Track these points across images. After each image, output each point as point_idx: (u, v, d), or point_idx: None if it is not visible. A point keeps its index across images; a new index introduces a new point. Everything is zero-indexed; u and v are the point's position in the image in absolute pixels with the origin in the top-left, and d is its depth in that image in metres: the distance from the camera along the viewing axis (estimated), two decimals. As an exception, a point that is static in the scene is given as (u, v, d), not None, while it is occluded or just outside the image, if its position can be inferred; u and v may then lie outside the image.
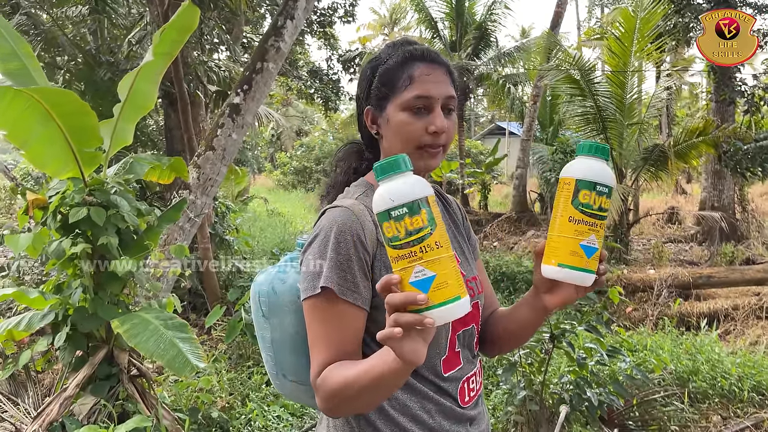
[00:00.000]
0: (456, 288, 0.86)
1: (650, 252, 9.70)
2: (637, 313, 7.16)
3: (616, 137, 9.39)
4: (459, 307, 0.86)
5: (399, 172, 0.89)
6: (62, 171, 2.84)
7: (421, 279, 0.85)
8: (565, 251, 1.04)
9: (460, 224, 1.34)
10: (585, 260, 1.03)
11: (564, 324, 3.36)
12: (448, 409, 1.14)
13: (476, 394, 1.22)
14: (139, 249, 2.96)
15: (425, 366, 1.12)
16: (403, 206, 0.86)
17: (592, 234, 1.03)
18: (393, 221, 0.86)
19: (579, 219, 1.03)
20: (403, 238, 0.86)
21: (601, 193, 1.02)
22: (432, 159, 1.15)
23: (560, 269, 1.04)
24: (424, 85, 1.12)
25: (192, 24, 2.82)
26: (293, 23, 4.54)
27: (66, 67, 6.73)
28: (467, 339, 1.21)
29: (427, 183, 0.91)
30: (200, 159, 4.47)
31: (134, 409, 2.94)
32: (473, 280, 1.24)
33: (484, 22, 15.96)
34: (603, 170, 1.04)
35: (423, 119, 1.12)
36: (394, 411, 1.11)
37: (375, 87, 1.19)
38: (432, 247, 0.85)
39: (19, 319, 2.90)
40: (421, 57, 1.15)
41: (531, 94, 13.00)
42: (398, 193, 0.87)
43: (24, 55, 2.92)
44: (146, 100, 2.98)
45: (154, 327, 2.67)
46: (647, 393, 4.00)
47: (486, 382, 4.52)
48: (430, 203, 0.87)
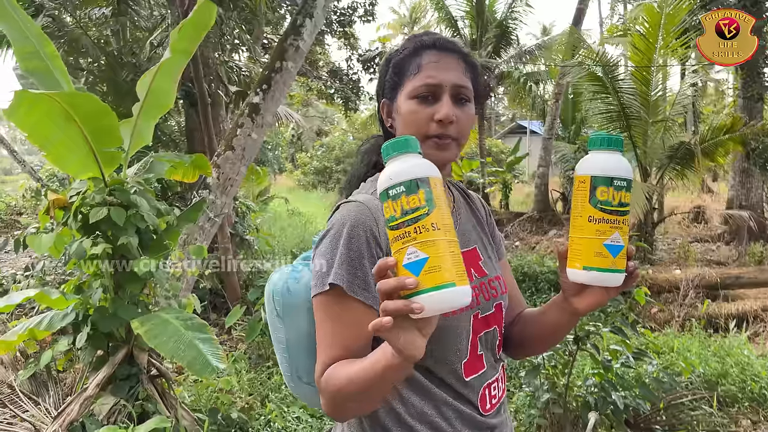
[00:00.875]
0: (451, 274, 0.79)
1: (676, 252, 9.52)
2: (663, 315, 7.02)
3: (640, 135, 9.23)
4: (453, 294, 0.79)
5: (404, 152, 0.86)
6: (83, 171, 2.85)
7: (414, 261, 0.79)
8: (589, 253, 0.98)
9: (484, 222, 1.29)
10: (611, 260, 0.97)
11: (588, 325, 3.28)
12: (468, 416, 1.09)
13: (498, 401, 1.16)
14: (158, 249, 2.95)
15: (446, 369, 1.07)
16: (400, 184, 0.82)
17: (616, 231, 0.97)
18: (390, 200, 0.83)
19: (599, 218, 0.97)
20: (399, 218, 0.82)
21: (620, 187, 0.97)
22: (442, 151, 1.09)
23: (586, 272, 0.99)
24: (431, 72, 1.08)
25: (209, 20, 2.80)
26: (312, 21, 4.51)
27: (88, 69, 6.80)
28: (490, 341, 1.16)
29: (433, 166, 0.86)
30: (220, 159, 4.47)
31: (154, 410, 2.94)
32: (496, 279, 1.19)
33: (505, 20, 15.83)
34: (619, 163, 0.98)
35: (430, 107, 1.08)
36: (410, 418, 1.06)
37: (388, 78, 1.15)
38: (427, 228, 0.80)
39: (40, 318, 2.91)
40: (432, 45, 1.11)
41: (553, 92, 12.85)
42: (398, 172, 0.83)
43: (47, 55, 2.92)
44: (165, 98, 2.97)
45: (174, 328, 2.66)
46: (675, 396, 3.91)
47: (509, 384, 4.45)
48: (432, 185, 0.83)
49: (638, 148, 9.26)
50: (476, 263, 1.17)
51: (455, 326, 1.07)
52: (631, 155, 9.78)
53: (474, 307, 1.10)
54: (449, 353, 1.07)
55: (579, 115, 14.85)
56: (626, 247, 0.99)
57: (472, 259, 1.17)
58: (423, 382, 1.06)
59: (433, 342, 1.02)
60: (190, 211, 3.20)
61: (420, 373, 1.07)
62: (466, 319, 1.09)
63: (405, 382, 1.06)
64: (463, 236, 1.19)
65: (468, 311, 1.09)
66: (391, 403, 1.06)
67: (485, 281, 1.16)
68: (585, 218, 0.98)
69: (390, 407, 1.06)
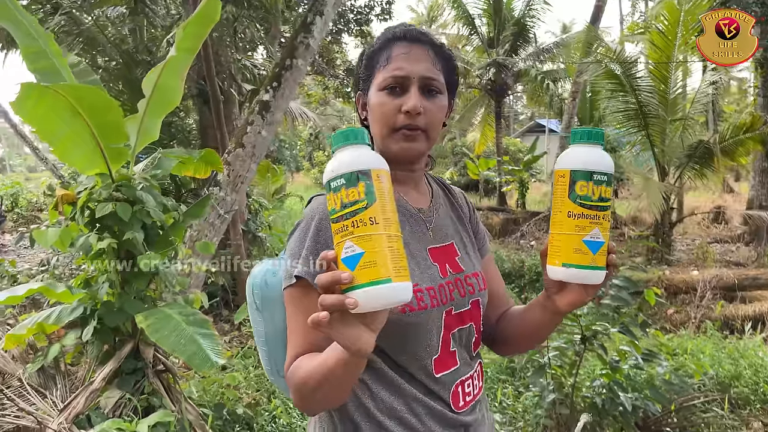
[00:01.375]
0: (387, 270, 0.78)
1: (694, 252, 9.38)
2: (679, 316, 6.92)
3: (658, 134, 9.10)
4: (389, 290, 0.77)
5: (349, 143, 0.84)
6: (90, 167, 2.87)
7: (350, 256, 0.78)
8: (568, 249, 0.96)
9: (466, 218, 1.27)
10: (591, 257, 0.95)
11: (596, 325, 3.24)
12: (438, 412, 1.07)
13: (473, 398, 1.14)
14: (164, 244, 2.97)
15: (415, 365, 1.06)
16: (341, 177, 0.81)
17: (596, 227, 0.95)
18: (332, 193, 0.82)
19: (579, 213, 0.95)
20: (338, 211, 0.81)
21: (600, 182, 0.95)
22: (410, 142, 1.07)
23: (565, 269, 0.97)
24: (400, 63, 1.07)
25: (214, 16, 2.80)
26: (322, 19, 4.52)
27: (104, 67, 6.87)
28: (464, 338, 1.14)
29: (379, 158, 0.84)
30: (230, 156, 4.49)
31: (159, 404, 2.96)
32: (474, 276, 1.17)
33: (523, 18, 15.74)
34: (599, 157, 0.96)
35: (398, 99, 1.06)
36: (380, 413, 1.05)
37: (362, 71, 1.15)
38: (365, 222, 0.79)
39: (49, 312, 2.95)
40: (402, 37, 1.10)
41: (570, 91, 12.73)
42: (340, 164, 0.82)
43: (53, 53, 2.95)
44: (172, 95, 2.98)
45: (176, 322, 2.67)
46: (686, 399, 3.85)
47: (517, 384, 4.42)
48: (374, 177, 0.81)
49: (656, 146, 9.14)
50: (453, 259, 1.16)
51: (425, 322, 1.05)
52: (648, 154, 9.67)
53: (447, 303, 1.09)
54: (419, 349, 1.05)
55: (597, 114, 14.71)
56: (607, 244, 0.97)
57: (448, 254, 1.16)
58: (393, 377, 1.05)
59: (401, 337, 1.02)
60: (195, 207, 3.21)
61: (390, 368, 1.06)
62: (437, 315, 1.07)
63: (375, 377, 1.05)
64: (440, 231, 1.18)
65: (440, 307, 1.08)
66: (360, 398, 1.06)
67: (461, 277, 1.14)
68: (564, 214, 0.97)
69: (360, 402, 1.06)
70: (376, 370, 1.06)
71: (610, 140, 12.46)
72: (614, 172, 0.98)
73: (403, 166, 1.14)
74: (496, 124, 16.93)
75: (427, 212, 1.18)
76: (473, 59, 17.61)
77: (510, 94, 19.82)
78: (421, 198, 1.19)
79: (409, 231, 1.12)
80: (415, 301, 1.03)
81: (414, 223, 1.14)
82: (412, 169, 1.16)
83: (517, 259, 8.39)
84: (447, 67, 1.13)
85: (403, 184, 1.17)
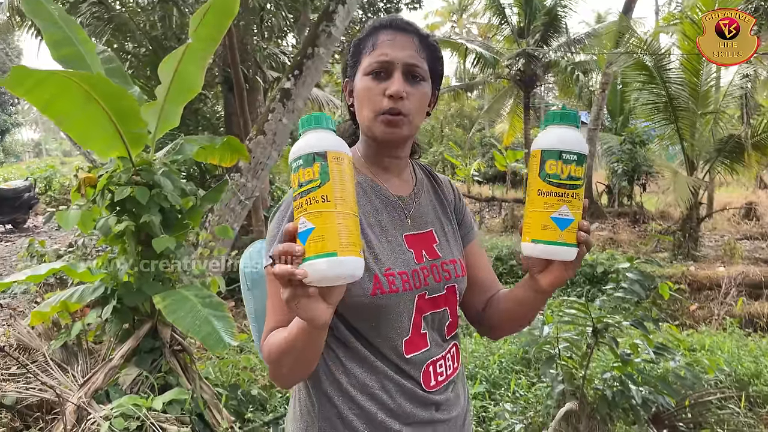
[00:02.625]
0: (333, 244, 0.82)
1: (722, 248, 9.21)
2: (702, 312, 6.83)
3: (688, 127, 8.93)
4: (335, 263, 0.82)
5: (313, 127, 0.89)
6: (109, 150, 2.95)
7: (303, 230, 0.84)
8: (537, 226, 0.99)
9: (450, 205, 1.30)
10: (559, 233, 0.98)
11: (608, 318, 3.23)
12: (409, 390, 1.11)
13: (446, 378, 1.18)
14: (181, 228, 3.05)
15: (386, 345, 1.10)
16: (300, 158, 0.87)
17: (564, 205, 0.97)
18: (293, 173, 0.87)
19: (547, 191, 0.98)
20: (296, 189, 0.86)
21: (569, 161, 0.97)
22: (393, 127, 1.10)
23: (534, 245, 1.00)
24: (385, 50, 1.10)
25: (233, 8, 2.85)
26: (345, 8, 4.54)
27: (134, 53, 7.01)
28: (437, 322, 1.17)
29: (339, 141, 0.89)
30: (251, 143, 4.56)
31: (176, 382, 3.05)
32: (452, 262, 1.20)
33: (554, 7, 15.50)
34: (569, 137, 0.98)
35: (382, 83, 1.10)
36: (352, 389, 1.09)
37: (349, 58, 1.18)
38: (317, 199, 0.84)
39: (72, 291, 3.07)
40: (388, 25, 1.13)
41: (600, 82, 12.54)
42: (301, 147, 0.88)
43: (79, 40, 3.02)
44: (192, 83, 3.05)
45: (192, 304, 2.76)
46: (701, 394, 3.82)
47: (531, 375, 4.43)
48: (330, 158, 0.86)
49: (685, 140, 8.97)
50: (430, 246, 1.19)
51: (395, 304, 1.09)
52: (677, 148, 9.49)
53: (420, 287, 1.12)
54: (389, 330, 1.10)
55: (627, 106, 14.47)
56: (577, 221, 0.99)
57: (426, 241, 1.19)
58: (366, 355, 1.10)
59: (373, 319, 1.07)
60: (212, 192, 3.29)
61: (363, 347, 1.10)
62: (408, 299, 1.11)
63: (349, 355, 1.10)
64: (420, 218, 1.21)
65: (412, 291, 1.11)
66: (335, 374, 1.11)
67: (437, 263, 1.17)
68: (535, 192, 1.00)
69: (334, 377, 1.11)
70: (351, 348, 1.10)
71: (639, 133, 12.25)
72: (585, 152, 0.99)
73: (388, 151, 1.18)
74: (524, 115, 16.78)
75: (407, 200, 1.21)
76: (503, 49, 17.45)
77: (540, 85, 19.57)
78: (403, 185, 1.23)
79: (387, 217, 1.16)
80: (386, 284, 1.08)
81: (392, 210, 1.18)
82: (397, 156, 1.20)
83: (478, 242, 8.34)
84: (431, 56, 1.15)
85: (386, 171, 1.21)
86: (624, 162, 12.09)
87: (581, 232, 0.99)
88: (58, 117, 2.64)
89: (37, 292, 4.30)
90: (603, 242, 10.37)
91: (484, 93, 24.58)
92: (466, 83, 20.13)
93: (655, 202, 12.84)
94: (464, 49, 16.32)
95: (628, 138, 12.15)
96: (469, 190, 17.72)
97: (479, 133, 23.53)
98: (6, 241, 9.99)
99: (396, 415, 1.10)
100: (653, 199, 13.43)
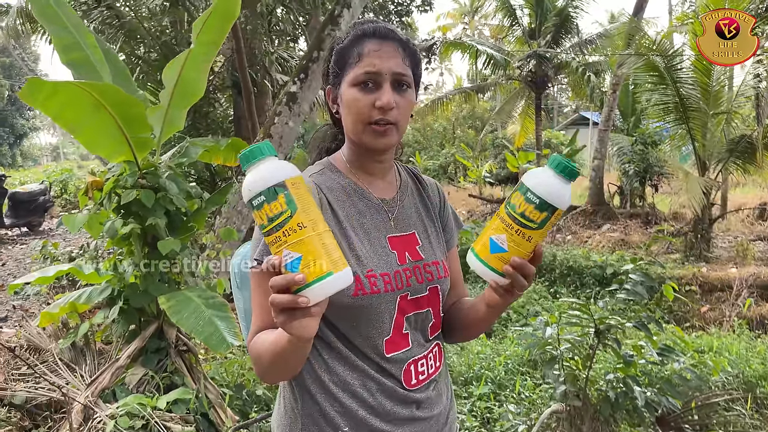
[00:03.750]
0: (327, 264, 0.86)
1: (735, 249, 9.13)
2: (714, 314, 6.78)
3: (699, 127, 8.86)
4: (334, 281, 0.86)
5: (257, 160, 0.89)
6: (115, 155, 3.00)
7: (290, 261, 0.86)
8: (480, 240, 1.04)
9: (434, 208, 1.33)
10: (487, 254, 1.02)
11: (610, 319, 3.24)
12: (389, 389, 1.14)
13: (427, 377, 1.20)
14: (186, 230, 3.10)
15: (367, 344, 1.13)
16: (260, 194, 0.87)
17: (504, 234, 1.01)
18: (256, 210, 0.88)
19: (501, 215, 1.02)
20: (267, 225, 0.87)
21: (529, 200, 0.99)
22: (382, 137, 1.13)
23: (471, 254, 1.05)
24: (372, 60, 1.12)
25: (234, 11, 2.90)
26: (350, 12, 4.58)
27: (144, 58, 7.10)
28: (420, 323, 1.20)
29: (289, 166, 0.90)
30: (258, 146, 4.61)
31: (181, 382, 3.10)
32: (434, 264, 1.22)
33: (565, 8, 15.45)
34: (544, 182, 1.00)
35: (371, 94, 1.12)
36: (334, 386, 1.12)
37: (332, 66, 1.20)
38: (294, 229, 0.86)
39: (80, 293, 3.13)
40: (372, 34, 1.15)
41: (610, 83, 12.47)
42: (255, 182, 0.88)
43: (87, 45, 3.08)
44: (195, 87, 3.09)
45: (195, 305, 2.80)
46: (707, 396, 3.80)
47: (537, 376, 4.43)
48: (290, 185, 0.87)
49: (696, 141, 8.90)
50: (413, 248, 1.22)
51: (376, 305, 1.12)
52: (688, 148, 9.43)
53: (402, 288, 1.15)
54: (370, 330, 1.12)
55: (639, 107, 14.38)
56: (509, 254, 1.01)
57: (408, 243, 1.22)
58: (348, 354, 1.13)
59: (354, 319, 1.10)
60: (217, 195, 3.33)
61: (345, 347, 1.13)
62: (390, 299, 1.14)
63: (332, 354, 1.13)
64: (403, 221, 1.24)
65: (394, 292, 1.14)
66: (317, 372, 1.14)
67: (420, 265, 1.20)
68: (497, 212, 1.05)
69: (316, 375, 1.14)
70: (333, 347, 1.14)
71: (651, 134, 12.17)
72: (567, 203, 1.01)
73: (374, 157, 1.21)
74: (536, 116, 16.73)
75: (390, 202, 1.24)
76: (514, 50, 17.41)
77: (552, 86, 19.49)
78: (387, 188, 1.25)
79: (370, 220, 1.19)
80: (368, 285, 1.10)
81: (375, 212, 1.21)
82: (381, 160, 1.23)
83: (548, 252, 8.33)
84: (413, 61, 1.18)
85: (371, 174, 1.24)
86: (636, 163, 12.01)
87: (507, 266, 1.00)
88: (70, 125, 2.70)
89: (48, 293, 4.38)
90: (614, 244, 10.32)
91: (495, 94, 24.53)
92: (478, 85, 20.09)
93: (668, 203, 12.75)
94: (475, 51, 16.31)
95: (640, 139, 12.08)
96: (481, 191, 17.69)
97: (491, 134, 23.47)
98: (21, 244, 10.14)
99: (377, 413, 1.13)
100: (666, 200, 13.34)
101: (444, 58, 24.86)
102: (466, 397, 4.03)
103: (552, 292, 7.42)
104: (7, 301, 6.11)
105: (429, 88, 24.48)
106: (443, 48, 16.48)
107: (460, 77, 32.87)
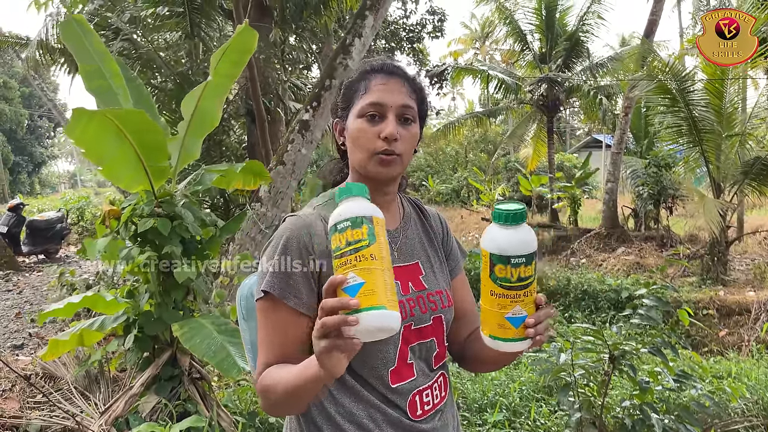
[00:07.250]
0: (383, 298, 0.89)
1: (752, 272, 9.01)
2: (732, 338, 6.68)
3: (713, 149, 8.82)
4: (383, 316, 0.89)
5: (353, 195, 0.98)
6: (135, 185, 3.07)
7: (351, 285, 0.89)
8: (493, 324, 1.03)
9: (437, 238, 1.34)
10: (514, 331, 1.02)
11: (625, 345, 3.20)
12: (395, 419, 1.14)
13: (433, 407, 1.20)
14: (201, 257, 3.13)
15: (372, 375, 1.14)
16: (347, 220, 0.94)
17: (517, 305, 1.00)
18: (338, 233, 0.94)
19: (499, 293, 1.00)
20: (343, 248, 0.92)
21: (518, 264, 0.98)
22: (386, 167, 1.16)
23: (492, 340, 1.05)
24: (378, 93, 1.16)
25: (250, 46, 2.97)
26: (361, 41, 4.66)
27: (160, 87, 7.23)
28: (424, 352, 1.21)
29: (379, 210, 0.97)
30: (271, 173, 4.66)
31: (194, 410, 3.11)
32: (438, 293, 1.23)
33: (575, 33, 15.56)
34: (517, 240, 0.99)
35: (376, 126, 1.15)
36: (340, 417, 1.13)
37: (340, 99, 1.24)
38: (366, 257, 0.91)
39: (92, 321, 3.16)
40: (379, 69, 1.19)
41: (622, 106, 12.48)
42: (347, 210, 0.95)
43: (110, 73, 3.16)
44: (211, 118, 3.16)
45: (208, 331, 2.82)
46: (726, 423, 3.73)
47: (553, 403, 4.38)
48: (375, 223, 0.95)
49: (710, 162, 8.86)
50: (416, 277, 1.23)
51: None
52: (703, 170, 9.38)
53: (406, 318, 1.16)
54: (375, 360, 1.14)
55: (652, 129, 14.36)
56: (529, 317, 1.02)
57: (412, 273, 1.23)
58: (353, 384, 1.14)
59: (360, 349, 1.10)
60: (232, 223, 3.38)
61: (351, 378, 1.14)
62: None
63: (338, 385, 1.14)
64: (406, 251, 1.25)
65: None
66: (323, 403, 1.14)
67: (423, 294, 1.21)
68: (487, 292, 1.02)
69: (323, 407, 1.15)
70: (339, 379, 1.13)
71: (664, 156, 12.12)
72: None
73: (378, 188, 1.23)
74: (548, 140, 16.75)
75: (394, 233, 1.26)
76: (525, 74, 17.52)
77: (564, 109, 19.54)
78: (390, 219, 1.27)
79: None
80: None
81: None
82: (385, 192, 1.25)
83: (563, 276, 8.27)
84: (419, 97, 1.21)
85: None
86: (649, 185, 11.95)
87: (530, 330, 1.01)
88: (96, 156, 2.79)
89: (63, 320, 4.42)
90: (629, 267, 10.23)
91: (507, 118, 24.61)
92: (489, 109, 20.21)
93: (683, 225, 12.64)
94: (486, 76, 16.42)
95: (653, 161, 12.03)
96: (494, 215, 17.62)
97: (504, 157, 23.50)
98: (38, 271, 10.25)
99: None
100: (681, 222, 13.24)
101: (455, 83, 25.03)
102: (480, 424, 3.98)
103: (567, 317, 7.35)
104: (24, 329, 6.18)
105: (441, 113, 24.58)
106: (455, 73, 16.61)
107: (471, 102, 33.03)
